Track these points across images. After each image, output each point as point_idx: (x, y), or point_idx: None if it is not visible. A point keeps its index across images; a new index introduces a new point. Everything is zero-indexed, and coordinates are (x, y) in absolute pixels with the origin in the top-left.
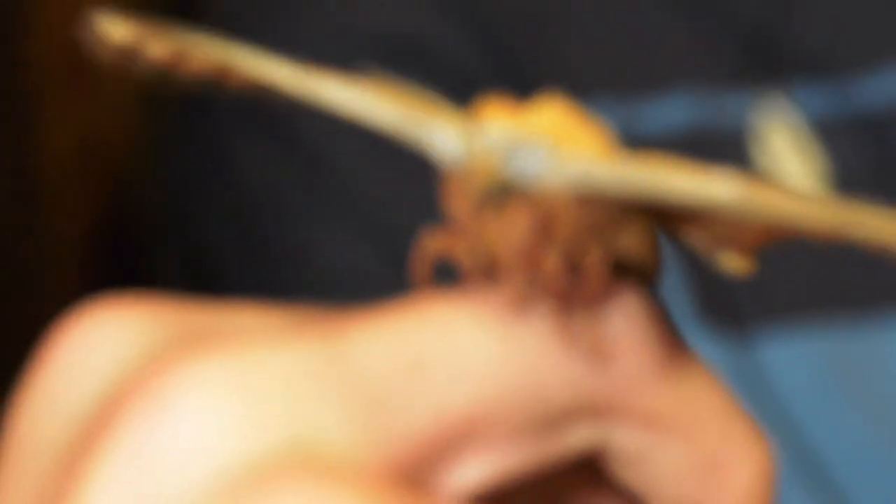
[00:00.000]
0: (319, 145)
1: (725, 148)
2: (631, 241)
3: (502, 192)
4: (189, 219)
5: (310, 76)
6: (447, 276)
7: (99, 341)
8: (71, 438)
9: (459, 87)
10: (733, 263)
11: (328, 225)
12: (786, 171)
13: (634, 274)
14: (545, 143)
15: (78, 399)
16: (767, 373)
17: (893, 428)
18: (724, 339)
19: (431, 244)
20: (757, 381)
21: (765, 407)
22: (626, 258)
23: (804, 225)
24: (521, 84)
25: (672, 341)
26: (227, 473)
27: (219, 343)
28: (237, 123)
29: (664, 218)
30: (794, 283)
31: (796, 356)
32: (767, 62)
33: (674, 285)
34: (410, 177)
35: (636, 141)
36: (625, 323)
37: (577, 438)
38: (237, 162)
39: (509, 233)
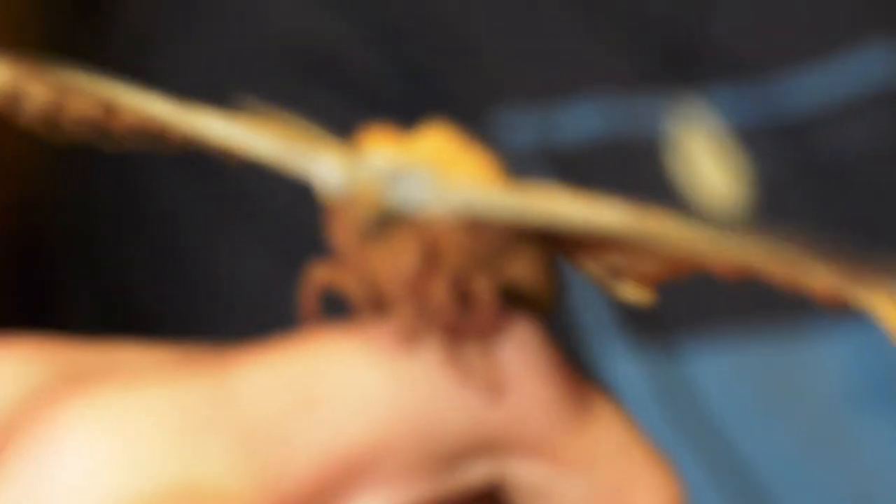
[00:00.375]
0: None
1: (642, 155)
2: (523, 271)
3: (386, 222)
4: (98, 245)
5: (191, 112)
6: (341, 308)
7: None
8: None
9: (367, 98)
10: (632, 294)
11: (241, 246)
12: (703, 178)
13: (528, 304)
14: (428, 171)
15: None
16: (693, 385)
17: (820, 438)
18: (647, 352)
19: (318, 276)
20: (682, 394)
21: (690, 420)
22: (519, 288)
23: (694, 253)
24: (432, 93)
25: (568, 372)
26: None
27: (100, 381)
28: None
29: (559, 247)
30: (716, 293)
31: (722, 368)
32: (683, 66)
33: (592, 298)
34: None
35: (552, 151)
36: (517, 355)
37: (474, 474)
38: (147, 187)
39: (394, 263)
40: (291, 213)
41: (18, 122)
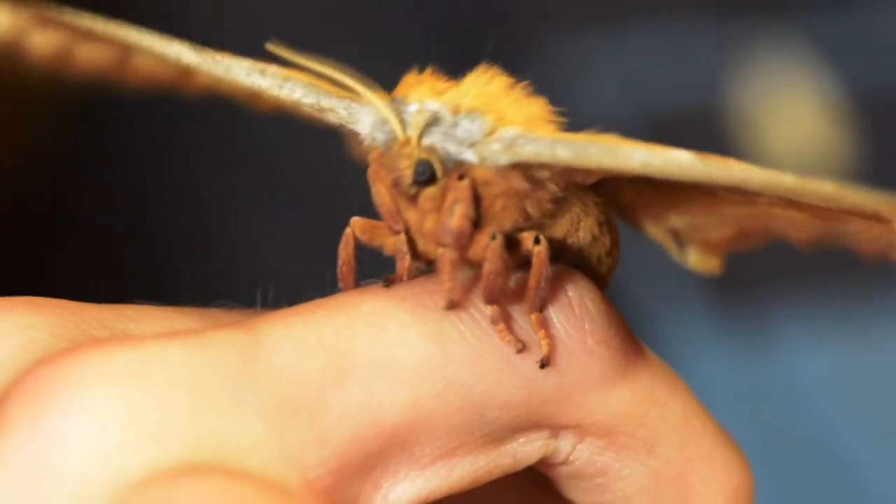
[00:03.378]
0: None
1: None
2: (578, 231)
3: (429, 171)
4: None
5: (220, 61)
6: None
7: None
8: None
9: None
10: (701, 261)
11: (263, 211)
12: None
13: (586, 270)
14: (475, 116)
15: None
16: (791, 374)
17: None
18: (739, 335)
19: (356, 231)
20: (776, 381)
21: (786, 412)
22: (575, 250)
23: (764, 190)
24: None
25: (628, 344)
26: (126, 478)
27: (119, 341)
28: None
29: (623, 210)
30: (815, 278)
31: (822, 357)
32: None
33: (683, 276)
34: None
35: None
36: (573, 321)
37: (525, 451)
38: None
39: (438, 214)
40: (318, 167)
41: (19, 71)
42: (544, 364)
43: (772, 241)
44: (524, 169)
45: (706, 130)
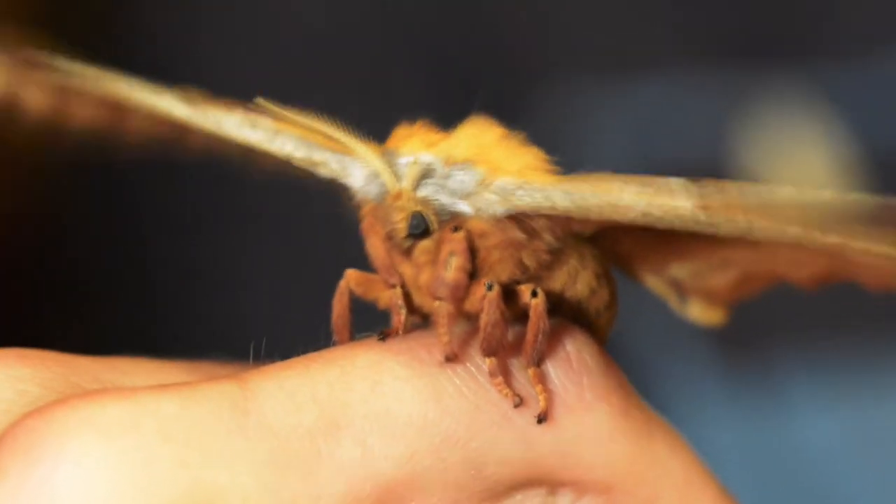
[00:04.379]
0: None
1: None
2: (576, 283)
3: (424, 224)
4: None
5: (212, 113)
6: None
7: None
8: None
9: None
10: (703, 313)
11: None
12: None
13: (584, 323)
14: (470, 168)
15: None
16: (798, 433)
17: None
18: (747, 388)
19: (350, 283)
20: (785, 439)
21: (793, 468)
22: (573, 303)
23: (769, 236)
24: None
25: (627, 400)
26: None
27: (110, 393)
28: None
29: (623, 261)
30: (823, 337)
31: (830, 416)
32: (778, 43)
33: (687, 331)
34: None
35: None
36: (571, 376)
37: None
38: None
39: (433, 267)
40: (313, 221)
41: (18, 128)
42: (542, 419)
43: (776, 283)
44: (520, 219)
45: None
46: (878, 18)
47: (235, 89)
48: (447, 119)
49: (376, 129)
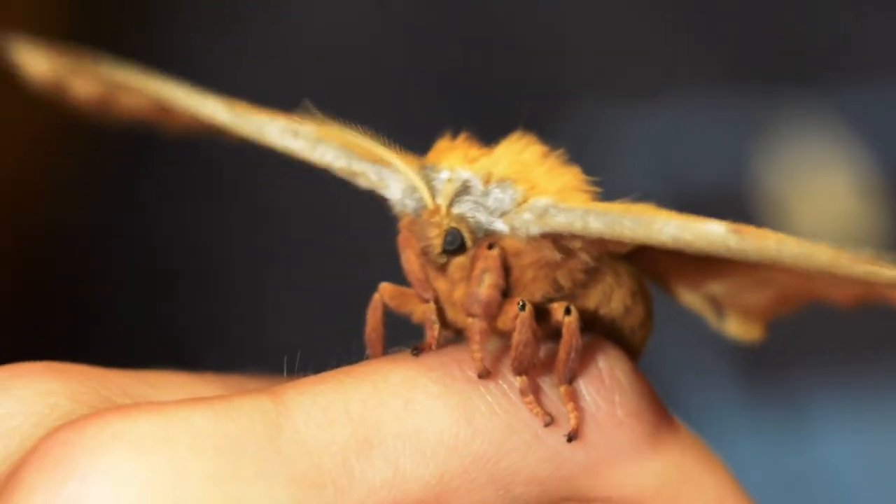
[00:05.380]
0: (270, 199)
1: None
2: (611, 302)
3: (458, 240)
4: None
5: (254, 119)
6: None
7: None
8: None
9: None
10: (738, 329)
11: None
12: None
13: (618, 340)
14: (507, 185)
15: None
16: (823, 454)
17: None
18: (770, 409)
19: (384, 298)
20: (807, 460)
21: (815, 489)
22: (607, 321)
23: (798, 265)
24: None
25: (659, 417)
26: None
27: (142, 407)
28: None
29: (660, 278)
30: (848, 358)
31: (855, 437)
32: (800, 66)
33: (715, 351)
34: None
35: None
36: (603, 393)
37: None
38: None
39: (467, 283)
40: (348, 232)
41: (66, 105)
42: (572, 437)
43: (815, 302)
44: (556, 239)
45: (736, 203)
46: None
47: (268, 104)
48: (480, 137)
49: (411, 144)
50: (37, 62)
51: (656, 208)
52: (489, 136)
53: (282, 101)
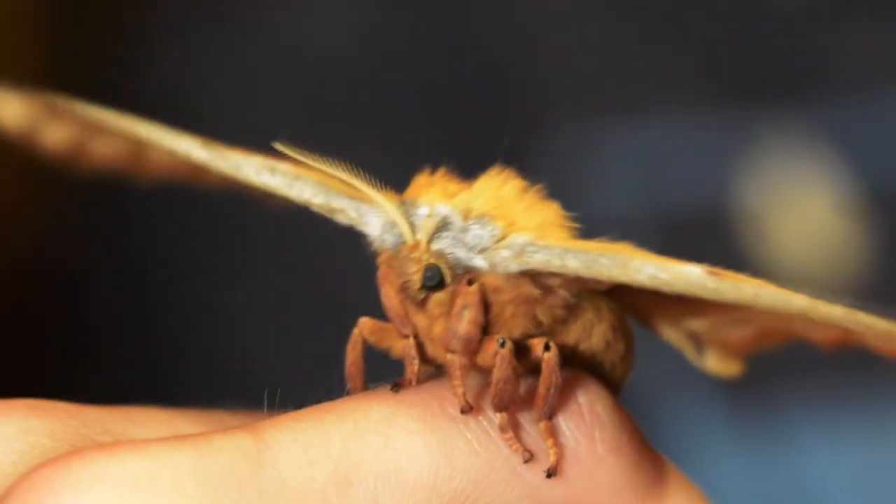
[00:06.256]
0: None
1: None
2: (591, 336)
3: (437, 276)
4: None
5: (230, 158)
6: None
7: None
8: None
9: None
10: (720, 365)
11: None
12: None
13: (598, 374)
14: (486, 221)
15: None
16: (804, 470)
17: None
18: (753, 428)
19: (364, 333)
20: (792, 479)
21: None
22: (587, 356)
23: (775, 310)
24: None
25: (640, 451)
26: None
27: (126, 446)
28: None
29: (640, 314)
30: (832, 378)
31: (840, 457)
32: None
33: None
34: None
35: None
36: (583, 429)
37: None
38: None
39: (447, 320)
40: (326, 266)
41: (37, 154)
42: (551, 474)
43: (793, 341)
44: (535, 276)
45: (718, 221)
46: (881, 58)
47: (247, 135)
48: (453, 162)
49: (383, 173)
50: (8, 109)
51: (635, 248)
52: (470, 157)
53: (264, 118)
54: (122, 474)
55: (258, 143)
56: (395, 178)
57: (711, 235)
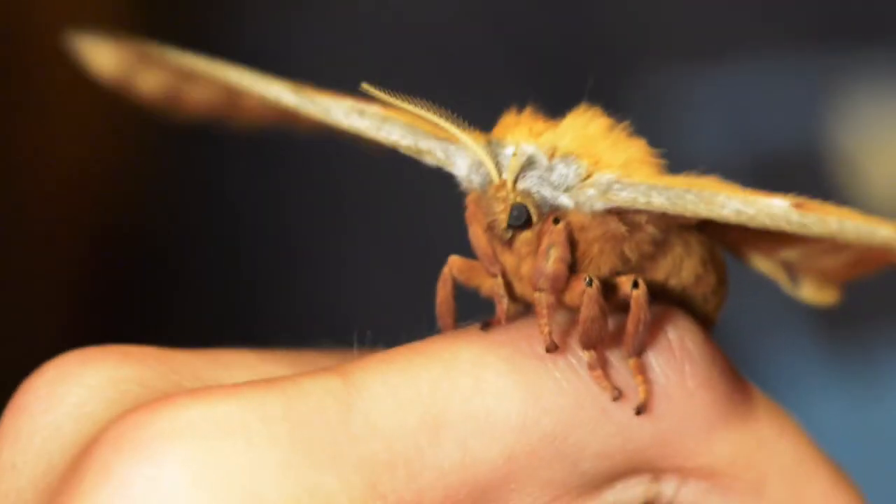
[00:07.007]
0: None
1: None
2: (685, 274)
3: (523, 215)
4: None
5: (320, 101)
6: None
7: (63, 400)
8: (39, 494)
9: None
10: (816, 293)
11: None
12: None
13: (689, 310)
14: (573, 159)
15: (45, 457)
16: None
17: None
18: (849, 370)
19: (453, 271)
20: (888, 418)
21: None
22: (677, 291)
23: (860, 242)
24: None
25: (732, 385)
26: None
27: (216, 391)
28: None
29: (732, 245)
30: None
31: None
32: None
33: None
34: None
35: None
36: (673, 365)
37: (623, 498)
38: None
39: (534, 258)
40: (416, 205)
41: (133, 100)
42: (640, 410)
43: (890, 267)
44: (621, 213)
45: (809, 163)
46: None
47: (334, 83)
48: (547, 105)
49: (470, 117)
50: (103, 57)
51: (721, 182)
52: (558, 103)
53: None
54: (212, 421)
55: (347, 90)
56: (483, 121)
57: (804, 176)
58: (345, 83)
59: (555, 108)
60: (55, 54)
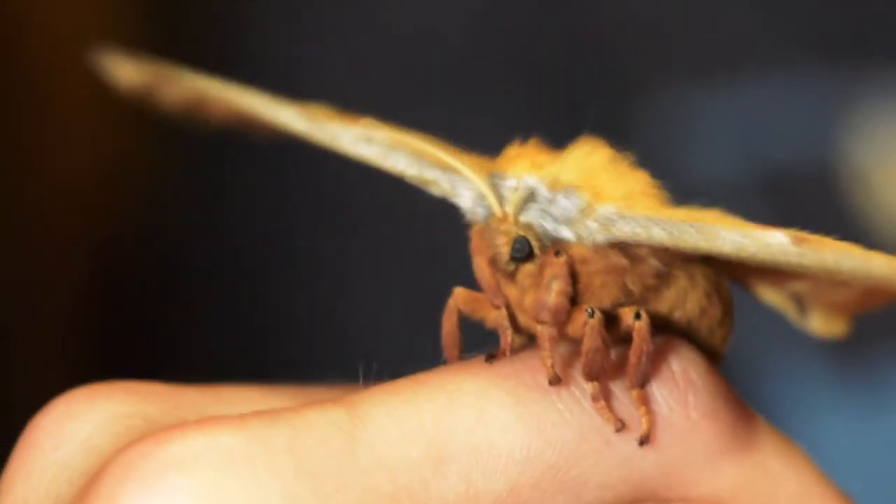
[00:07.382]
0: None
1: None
2: (685, 303)
3: (525, 248)
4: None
5: (326, 127)
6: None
7: (73, 436)
8: None
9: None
10: (825, 325)
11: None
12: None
13: (695, 341)
14: (576, 191)
15: (55, 490)
16: None
17: None
18: (857, 391)
19: (458, 303)
20: (894, 441)
21: None
22: (682, 322)
23: (862, 278)
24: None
25: (736, 415)
26: None
27: (222, 422)
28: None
29: (738, 278)
30: None
31: None
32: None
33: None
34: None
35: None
36: (676, 399)
37: None
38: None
39: (537, 290)
40: (422, 236)
41: (156, 110)
42: (644, 442)
43: None
44: (622, 246)
45: (822, 181)
46: None
47: (338, 92)
48: (551, 128)
49: (480, 139)
50: (125, 73)
51: (724, 215)
52: (567, 122)
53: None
54: (217, 452)
55: (352, 99)
56: (492, 143)
57: (816, 195)
58: (349, 93)
59: (563, 128)
60: (62, 63)
